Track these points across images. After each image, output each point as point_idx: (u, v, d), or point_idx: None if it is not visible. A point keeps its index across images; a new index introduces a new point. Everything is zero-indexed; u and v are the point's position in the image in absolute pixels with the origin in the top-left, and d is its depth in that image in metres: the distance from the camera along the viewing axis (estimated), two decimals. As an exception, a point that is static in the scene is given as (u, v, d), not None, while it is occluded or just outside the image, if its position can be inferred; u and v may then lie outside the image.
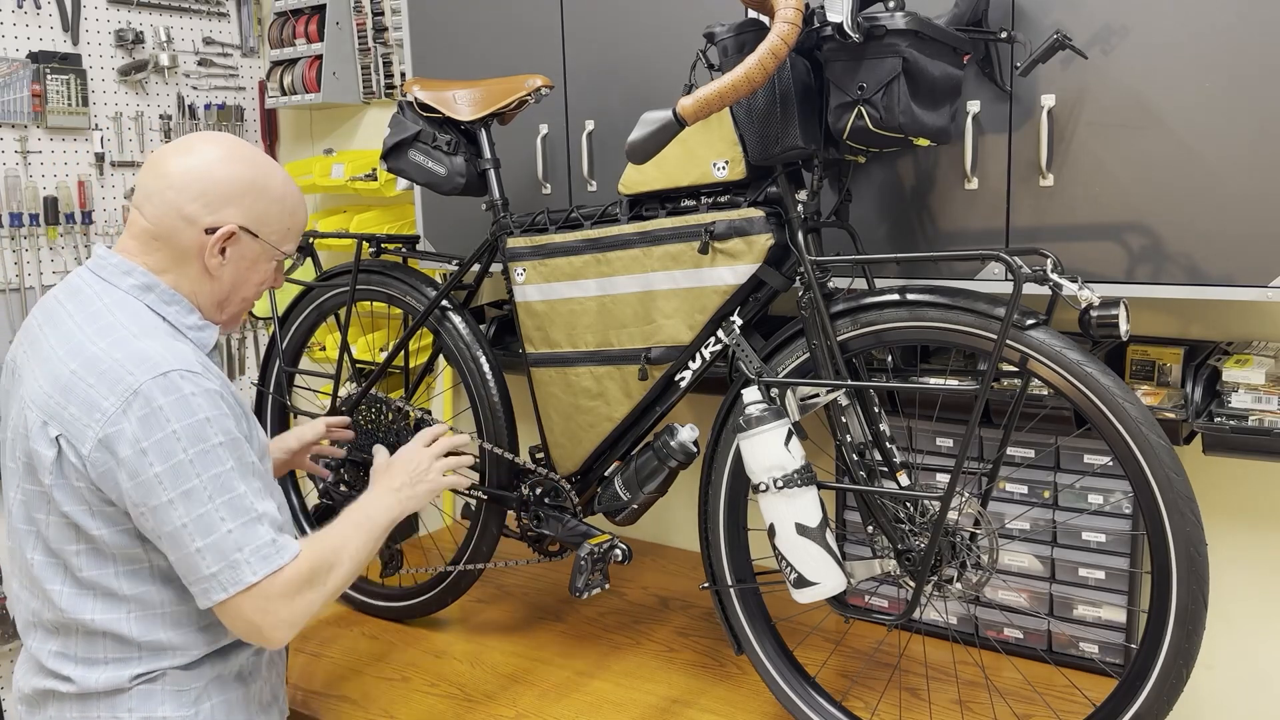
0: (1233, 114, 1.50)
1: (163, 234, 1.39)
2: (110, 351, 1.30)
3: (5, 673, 2.72)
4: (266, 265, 1.47)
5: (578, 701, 1.84)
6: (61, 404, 1.30)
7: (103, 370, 1.29)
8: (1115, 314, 1.36)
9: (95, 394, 1.28)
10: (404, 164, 2.02)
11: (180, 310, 1.41)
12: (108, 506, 1.32)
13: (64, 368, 1.31)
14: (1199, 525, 1.37)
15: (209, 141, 1.41)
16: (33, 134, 2.66)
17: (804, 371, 1.62)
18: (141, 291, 1.39)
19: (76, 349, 1.32)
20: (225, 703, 1.43)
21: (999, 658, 1.93)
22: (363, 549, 1.47)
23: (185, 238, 1.39)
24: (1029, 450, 1.88)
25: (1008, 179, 1.68)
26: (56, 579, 1.36)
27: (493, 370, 2.04)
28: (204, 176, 1.38)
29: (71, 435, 1.29)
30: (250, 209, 1.41)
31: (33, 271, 2.69)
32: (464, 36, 2.30)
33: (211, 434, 1.30)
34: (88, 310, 1.36)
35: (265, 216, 1.43)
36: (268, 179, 1.43)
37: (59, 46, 2.70)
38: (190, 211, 1.38)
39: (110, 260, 1.40)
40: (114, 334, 1.32)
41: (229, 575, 1.29)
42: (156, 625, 1.37)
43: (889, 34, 1.45)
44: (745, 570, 1.75)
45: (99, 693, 1.37)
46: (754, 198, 1.64)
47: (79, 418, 1.28)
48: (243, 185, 1.40)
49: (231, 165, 1.40)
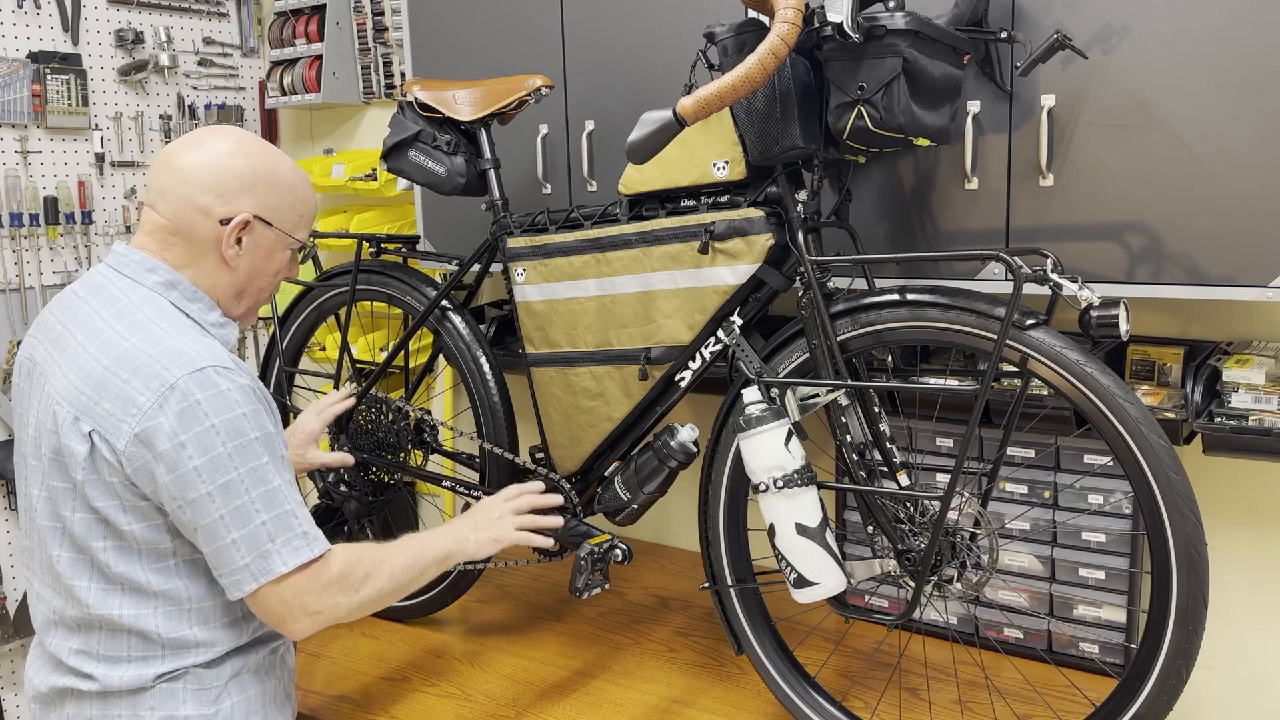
0: (1233, 114, 1.50)
1: (180, 228, 1.41)
2: (144, 347, 1.32)
3: (5, 672, 2.72)
4: (281, 254, 1.49)
5: (578, 701, 1.84)
6: (94, 399, 1.31)
7: (137, 365, 1.31)
8: (1115, 314, 1.36)
9: (130, 389, 1.30)
10: (404, 164, 2.02)
11: (203, 308, 1.43)
12: (141, 501, 1.33)
13: (95, 364, 1.33)
14: (1199, 525, 1.37)
15: (217, 135, 1.43)
16: (33, 134, 2.66)
17: (804, 371, 1.62)
18: (165, 289, 1.41)
19: (108, 345, 1.34)
20: (245, 700, 1.44)
21: (999, 658, 1.93)
22: (405, 572, 1.49)
23: (201, 230, 1.40)
24: (1029, 450, 1.88)
25: (1008, 179, 1.68)
26: (84, 575, 1.37)
27: (493, 370, 2.04)
28: (216, 169, 1.40)
29: (105, 430, 1.30)
30: (264, 198, 1.43)
31: (33, 271, 2.69)
32: (464, 36, 2.30)
33: (248, 428, 1.32)
34: (114, 307, 1.38)
35: (278, 205, 1.45)
36: (278, 168, 1.45)
37: (59, 46, 2.70)
38: (205, 203, 1.40)
39: (133, 257, 1.42)
40: (145, 330, 1.34)
41: (260, 565, 1.32)
42: (183, 621, 1.38)
43: (889, 34, 1.45)
44: (745, 570, 1.75)
45: (121, 691, 1.38)
46: (754, 198, 1.64)
47: (113, 413, 1.30)
48: (254, 175, 1.42)
49: (242, 156, 1.42)
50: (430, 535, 1.59)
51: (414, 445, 2.17)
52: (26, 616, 2.68)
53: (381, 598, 1.45)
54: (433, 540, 1.58)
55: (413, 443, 2.16)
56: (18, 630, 2.67)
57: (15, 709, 2.74)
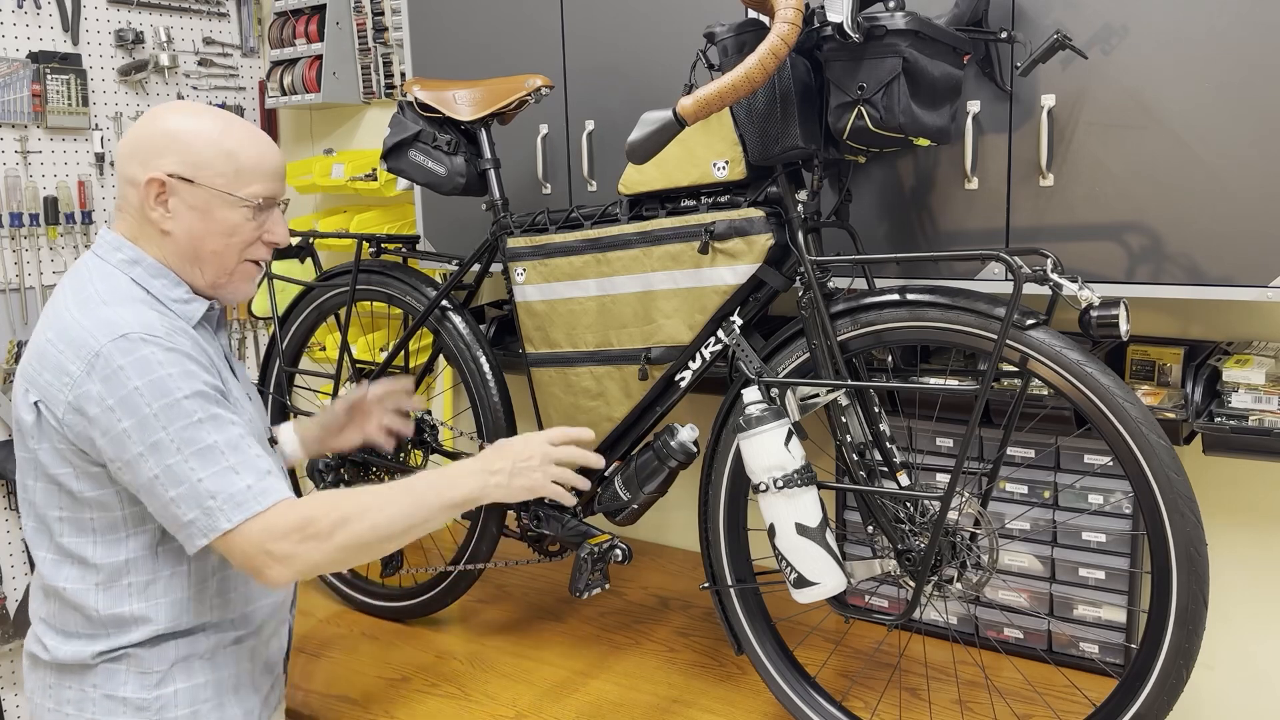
0: (1233, 114, 1.50)
1: (122, 204, 1.44)
2: (79, 319, 1.35)
3: (5, 672, 2.72)
4: (229, 213, 1.42)
5: (578, 701, 1.84)
6: (38, 370, 1.36)
7: (71, 337, 1.34)
8: (1115, 314, 1.36)
9: (64, 359, 1.33)
10: (404, 164, 2.02)
11: (166, 284, 1.43)
12: (93, 467, 1.36)
13: (42, 337, 1.38)
14: (1199, 525, 1.37)
15: (155, 108, 1.45)
16: (33, 134, 2.66)
17: (804, 371, 1.62)
18: (128, 265, 1.43)
19: (54, 319, 1.38)
20: (191, 688, 1.44)
21: (999, 658, 1.93)
22: (404, 514, 1.38)
23: (133, 199, 1.42)
24: (1029, 450, 1.88)
25: (1008, 179, 1.68)
26: (41, 544, 1.42)
27: (493, 370, 2.04)
28: (140, 136, 1.41)
29: (47, 399, 1.35)
30: (182, 156, 1.40)
31: (33, 271, 2.69)
32: (464, 36, 2.30)
33: (174, 388, 1.32)
34: (74, 284, 1.41)
35: (199, 160, 1.40)
36: (201, 123, 1.41)
37: (59, 46, 2.70)
38: (130, 172, 1.41)
39: (105, 237, 1.45)
40: (87, 303, 1.37)
41: (206, 522, 1.32)
42: (122, 597, 1.40)
43: (889, 34, 1.45)
44: (745, 570, 1.75)
45: (69, 665, 1.41)
46: (754, 198, 1.64)
47: (52, 383, 1.34)
48: (173, 135, 1.40)
49: (165, 119, 1.42)
50: (447, 475, 1.44)
51: (414, 445, 2.17)
52: (26, 617, 2.68)
53: (373, 543, 1.36)
54: (450, 481, 1.43)
55: (413, 443, 2.17)
56: (18, 630, 2.66)
57: (15, 709, 2.74)
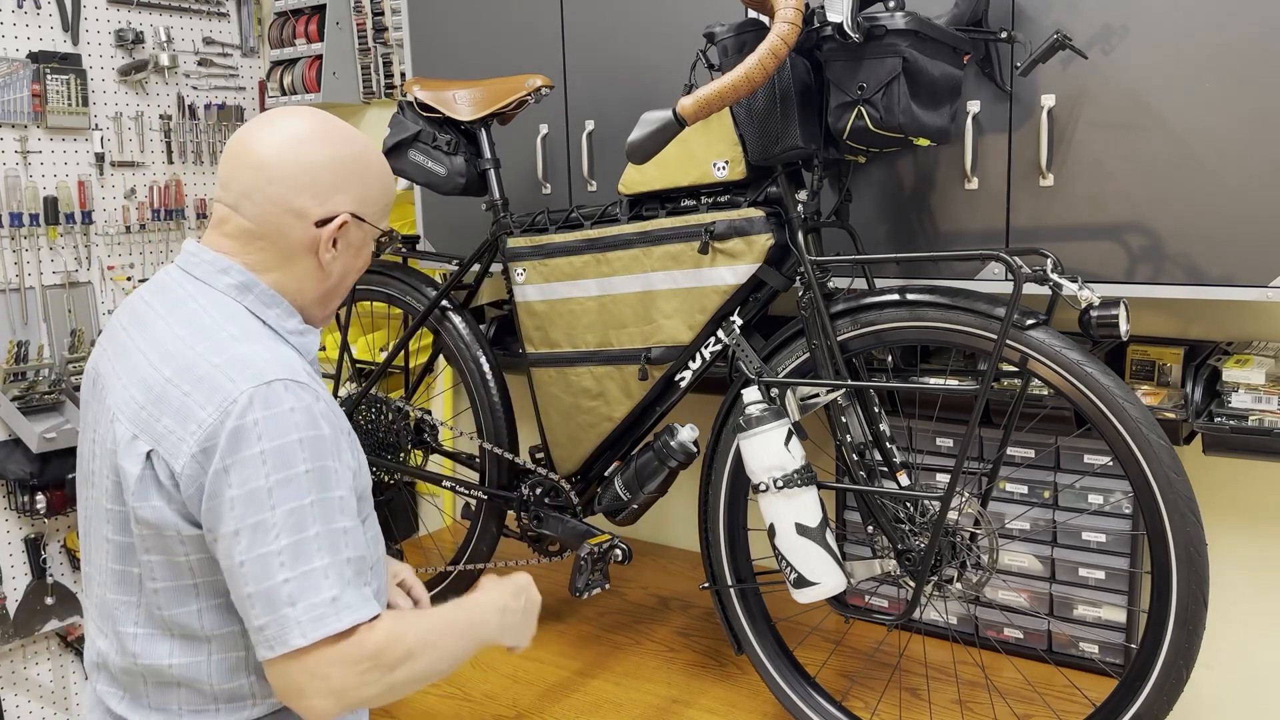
0: (1233, 114, 1.50)
1: (268, 232, 1.24)
2: (208, 356, 1.17)
3: (5, 672, 2.72)
4: (369, 249, 1.34)
5: (578, 701, 1.84)
6: (154, 415, 1.16)
7: (200, 377, 1.15)
8: (1115, 314, 1.36)
9: (192, 403, 1.14)
10: (404, 164, 2.02)
11: (281, 314, 1.27)
12: (197, 530, 1.17)
13: (157, 375, 1.18)
14: (1199, 525, 1.37)
15: (297, 120, 1.26)
16: (33, 134, 2.66)
17: (804, 371, 1.62)
18: (239, 291, 1.25)
19: (170, 354, 1.19)
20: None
21: (999, 658, 1.93)
22: (449, 656, 1.26)
23: (295, 234, 1.25)
24: (1029, 450, 1.88)
25: (1008, 179, 1.68)
26: (130, 618, 1.21)
27: (493, 370, 2.04)
28: (308, 165, 1.24)
29: (164, 450, 1.15)
30: (358, 193, 1.28)
31: (33, 271, 2.69)
32: (464, 36, 2.30)
33: (299, 459, 1.14)
34: (181, 312, 1.23)
35: (368, 197, 1.29)
36: (365, 155, 1.29)
37: (59, 46, 2.70)
38: (299, 206, 1.24)
39: (204, 257, 1.26)
40: (212, 337, 1.19)
41: (276, 633, 1.12)
42: (240, 669, 1.22)
43: (889, 34, 1.45)
44: (745, 570, 1.75)
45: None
46: (754, 198, 1.64)
47: (174, 430, 1.14)
48: (346, 168, 1.26)
49: (329, 146, 1.26)
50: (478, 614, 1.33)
51: (414, 445, 2.17)
52: (26, 616, 2.68)
53: (420, 681, 1.21)
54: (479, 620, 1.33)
55: (413, 443, 2.17)
56: (18, 630, 2.66)
57: (15, 709, 2.74)
